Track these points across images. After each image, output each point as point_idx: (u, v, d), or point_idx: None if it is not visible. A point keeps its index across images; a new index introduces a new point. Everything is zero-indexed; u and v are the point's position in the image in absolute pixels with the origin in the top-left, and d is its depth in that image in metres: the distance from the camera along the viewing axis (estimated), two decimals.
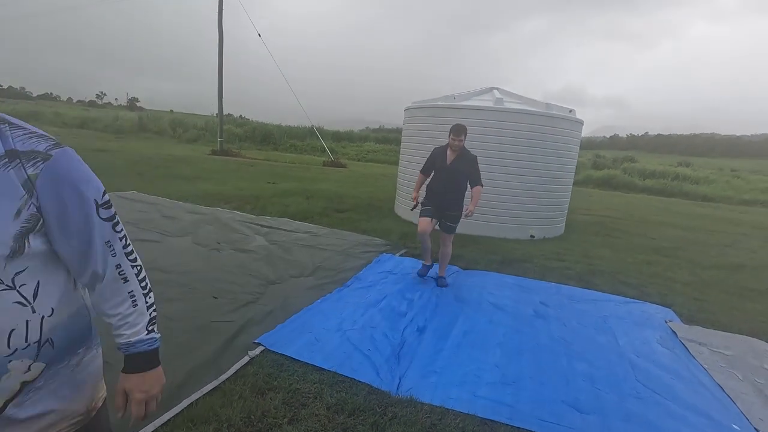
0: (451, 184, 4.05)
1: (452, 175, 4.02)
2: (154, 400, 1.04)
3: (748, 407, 2.57)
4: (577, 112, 6.97)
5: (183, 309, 3.16)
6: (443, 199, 4.07)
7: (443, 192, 4.06)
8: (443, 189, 4.06)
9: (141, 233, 4.95)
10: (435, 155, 4.16)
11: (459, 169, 4.00)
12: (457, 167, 4.00)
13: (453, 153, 4.01)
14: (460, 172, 4.00)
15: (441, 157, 4.08)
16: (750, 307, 4.46)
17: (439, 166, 4.08)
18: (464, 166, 4.00)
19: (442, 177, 4.07)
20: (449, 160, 4.02)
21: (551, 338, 3.28)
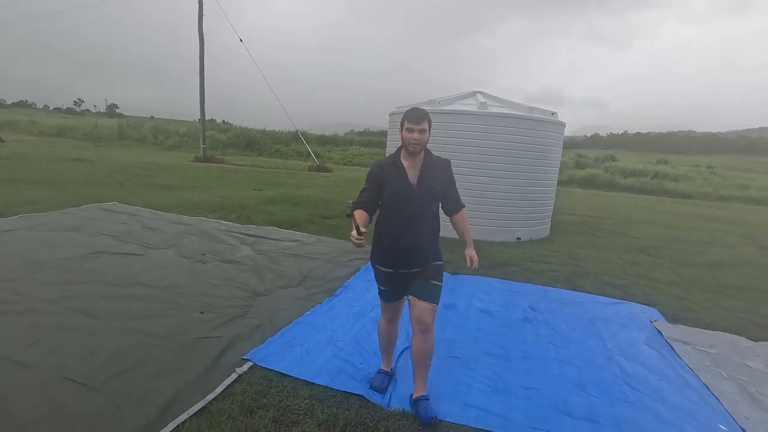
0: (421, 217, 2.29)
1: (421, 203, 2.28)
2: None
3: (734, 406, 2.61)
4: (558, 113, 7.07)
5: (167, 325, 3.08)
6: (410, 249, 2.28)
7: (408, 236, 2.27)
8: (408, 232, 2.27)
9: (122, 246, 4.84)
10: (379, 176, 2.30)
11: (430, 190, 2.28)
12: (426, 186, 2.27)
13: (413, 163, 2.29)
14: (431, 193, 2.30)
15: (393, 176, 2.28)
16: (731, 304, 4.56)
17: (394, 191, 2.27)
18: (437, 182, 2.30)
19: (402, 212, 2.27)
20: (412, 177, 2.27)
21: (540, 344, 3.29)
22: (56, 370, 2.43)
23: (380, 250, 2.36)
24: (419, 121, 2.21)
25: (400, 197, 2.26)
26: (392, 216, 2.29)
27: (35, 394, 2.22)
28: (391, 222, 2.30)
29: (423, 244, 2.31)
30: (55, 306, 3.23)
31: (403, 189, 2.26)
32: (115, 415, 2.12)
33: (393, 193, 2.26)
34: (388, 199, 2.28)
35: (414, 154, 2.26)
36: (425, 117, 2.23)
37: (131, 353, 2.68)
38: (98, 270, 4.05)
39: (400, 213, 2.27)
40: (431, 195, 2.30)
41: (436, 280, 2.35)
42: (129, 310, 3.28)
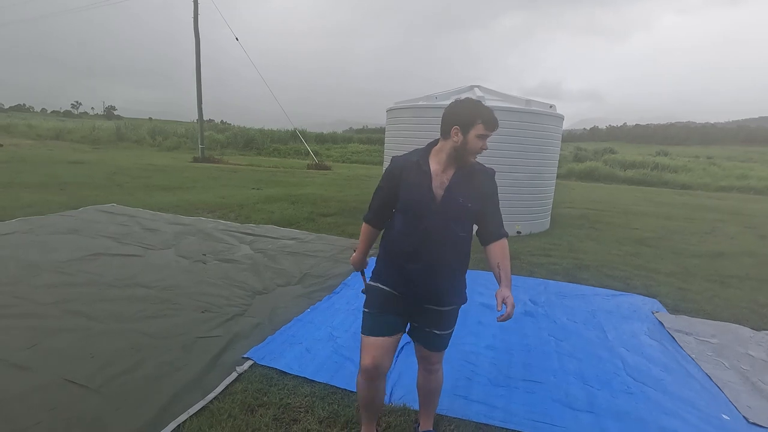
0: (441, 237, 1.75)
1: (444, 220, 1.74)
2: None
3: (736, 395, 2.60)
4: (556, 106, 7.04)
5: (167, 326, 3.08)
6: (426, 275, 1.76)
7: (425, 258, 1.75)
8: (425, 252, 1.75)
9: (122, 248, 4.82)
10: (396, 175, 1.80)
11: (461, 206, 1.74)
12: (455, 201, 1.73)
13: (446, 167, 1.75)
14: (462, 211, 1.75)
15: (413, 179, 1.76)
16: (731, 294, 4.55)
17: (411, 199, 1.76)
18: (471, 198, 1.75)
19: (416, 226, 1.75)
20: (438, 186, 1.74)
21: (541, 337, 3.28)
22: (55, 372, 2.43)
23: (387, 267, 1.84)
24: (496, 127, 1.70)
25: (417, 208, 1.72)
26: (405, 228, 1.76)
27: (34, 397, 2.21)
28: (404, 235, 1.76)
29: (444, 274, 1.76)
30: (53, 309, 3.22)
31: (422, 198, 1.70)
32: (115, 416, 2.12)
33: (408, 201, 1.74)
34: (399, 207, 1.80)
35: (465, 165, 1.73)
36: (497, 125, 1.72)
37: (130, 354, 2.67)
38: (97, 272, 4.04)
39: (412, 231, 1.74)
40: (461, 213, 1.73)
41: (447, 328, 1.88)
42: (128, 311, 3.27)
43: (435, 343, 1.91)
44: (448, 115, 1.71)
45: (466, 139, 1.67)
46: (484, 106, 1.70)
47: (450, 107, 1.73)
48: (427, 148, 1.79)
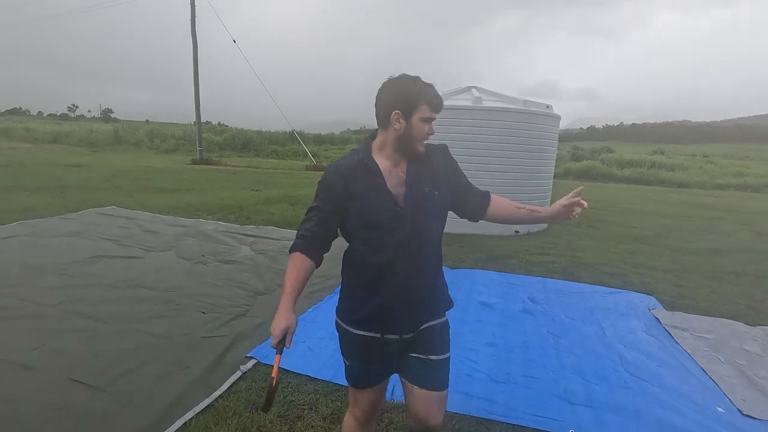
0: (417, 250, 1.42)
1: (418, 225, 1.41)
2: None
3: (731, 389, 2.65)
4: (553, 105, 7.10)
5: (171, 326, 3.11)
6: (402, 306, 1.43)
7: (398, 286, 1.41)
8: (398, 279, 1.40)
9: (122, 250, 4.85)
10: (337, 187, 1.40)
11: (431, 200, 1.43)
12: (423, 195, 1.42)
13: (395, 161, 1.44)
14: (434, 204, 1.45)
15: (363, 185, 1.39)
16: (728, 290, 4.60)
17: (368, 212, 1.39)
18: (438, 184, 1.46)
19: (383, 246, 1.39)
20: (395, 185, 1.41)
21: (540, 334, 3.33)
22: (61, 372, 2.46)
23: (353, 304, 1.47)
24: (441, 108, 1.42)
25: (378, 222, 1.36)
26: (371, 249, 1.39)
27: (42, 397, 2.25)
28: (367, 264, 1.41)
29: (427, 282, 1.46)
30: (57, 310, 3.25)
31: (383, 206, 1.36)
32: (122, 414, 2.15)
33: (366, 215, 1.36)
34: (357, 226, 1.39)
35: (415, 156, 1.42)
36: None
37: (135, 354, 2.70)
38: (99, 274, 4.07)
39: (381, 248, 1.37)
40: (431, 204, 1.42)
41: (443, 351, 1.51)
42: (131, 312, 3.30)
43: (433, 377, 1.47)
44: (385, 99, 1.38)
45: (410, 124, 1.37)
46: (424, 82, 1.38)
47: (386, 88, 1.38)
48: (366, 145, 1.45)
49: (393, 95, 1.38)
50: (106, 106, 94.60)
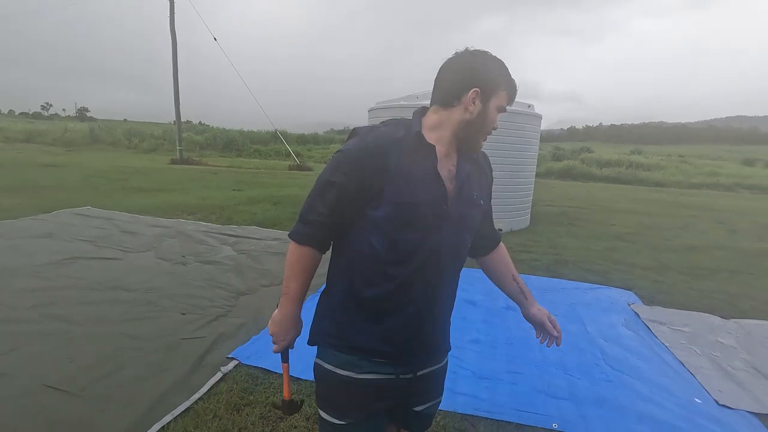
0: (452, 257, 1.13)
1: (459, 228, 1.13)
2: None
3: (708, 380, 2.72)
4: (535, 107, 7.19)
5: (150, 328, 3.03)
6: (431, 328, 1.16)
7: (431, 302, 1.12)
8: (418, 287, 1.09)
9: (99, 251, 4.71)
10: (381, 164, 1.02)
11: (476, 204, 1.17)
12: (472, 197, 1.15)
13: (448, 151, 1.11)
14: (478, 212, 1.19)
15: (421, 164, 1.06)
16: (704, 285, 4.74)
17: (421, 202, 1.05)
18: (483, 191, 1.22)
19: (422, 245, 1.06)
20: (449, 174, 1.10)
21: (523, 330, 3.35)
22: (34, 377, 2.36)
23: (362, 331, 1.12)
24: (513, 102, 1.17)
25: (419, 217, 1.05)
26: (388, 259, 1.06)
27: (12, 403, 2.15)
28: (383, 273, 1.07)
29: (444, 314, 1.21)
30: (30, 313, 3.13)
31: (430, 198, 1.06)
32: (98, 419, 2.08)
33: (404, 205, 1.03)
34: (386, 218, 1.03)
35: (472, 152, 1.16)
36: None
37: (113, 357, 2.62)
38: (75, 275, 3.94)
39: (409, 254, 1.06)
40: (476, 218, 1.19)
41: (441, 393, 1.32)
42: (109, 314, 3.20)
43: (426, 422, 1.32)
44: (461, 71, 1.08)
45: (485, 109, 1.08)
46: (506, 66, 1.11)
47: (463, 59, 1.09)
48: (415, 119, 1.12)
49: (473, 70, 1.08)
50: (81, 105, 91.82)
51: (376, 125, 1.11)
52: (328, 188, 1.06)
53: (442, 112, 1.11)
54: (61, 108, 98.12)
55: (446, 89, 1.10)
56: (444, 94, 1.10)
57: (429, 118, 1.12)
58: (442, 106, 1.11)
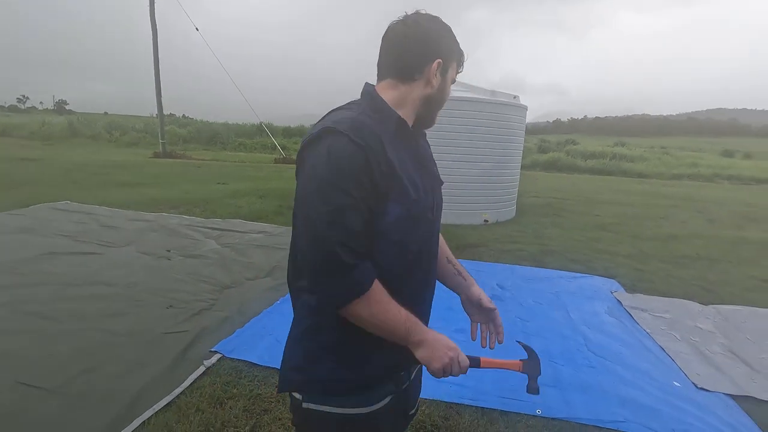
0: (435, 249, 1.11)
1: (438, 213, 1.07)
2: None
3: (687, 364, 2.78)
4: (520, 98, 7.21)
5: (131, 323, 2.97)
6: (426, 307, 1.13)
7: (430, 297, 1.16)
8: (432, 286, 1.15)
9: (78, 246, 4.59)
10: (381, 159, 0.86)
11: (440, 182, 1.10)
12: (437, 175, 1.10)
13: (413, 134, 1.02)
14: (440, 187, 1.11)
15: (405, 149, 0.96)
16: (683, 273, 4.84)
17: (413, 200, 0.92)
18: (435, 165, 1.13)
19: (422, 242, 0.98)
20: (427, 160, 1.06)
21: (508, 319, 3.38)
22: (8, 375, 2.29)
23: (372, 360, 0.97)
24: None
25: (421, 214, 0.96)
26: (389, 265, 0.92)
27: None
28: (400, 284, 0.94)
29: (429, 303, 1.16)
30: (5, 310, 3.04)
31: (427, 189, 0.99)
32: (77, 416, 2.03)
33: (413, 204, 0.92)
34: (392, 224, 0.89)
35: (426, 129, 1.07)
36: None
37: (92, 353, 2.56)
38: (52, 271, 3.83)
39: (421, 250, 0.99)
40: (440, 193, 1.11)
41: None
42: (88, 309, 3.13)
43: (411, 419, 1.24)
44: (424, 40, 0.96)
45: (444, 82, 1.00)
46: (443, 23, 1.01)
47: (427, 25, 0.97)
48: (379, 99, 0.96)
49: (437, 39, 0.97)
50: (60, 98, 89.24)
51: (344, 115, 0.89)
52: (347, 214, 0.82)
53: (402, 87, 0.97)
54: (38, 101, 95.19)
55: (407, 60, 0.96)
56: (404, 65, 0.97)
57: (388, 94, 0.97)
58: (402, 80, 0.97)
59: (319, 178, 0.83)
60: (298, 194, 0.89)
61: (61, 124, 26.95)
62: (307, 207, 0.84)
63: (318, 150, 0.85)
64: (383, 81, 1.00)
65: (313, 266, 0.86)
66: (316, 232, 0.83)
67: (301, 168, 0.90)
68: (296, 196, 0.89)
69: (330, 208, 0.82)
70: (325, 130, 0.86)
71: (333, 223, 0.81)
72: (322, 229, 0.82)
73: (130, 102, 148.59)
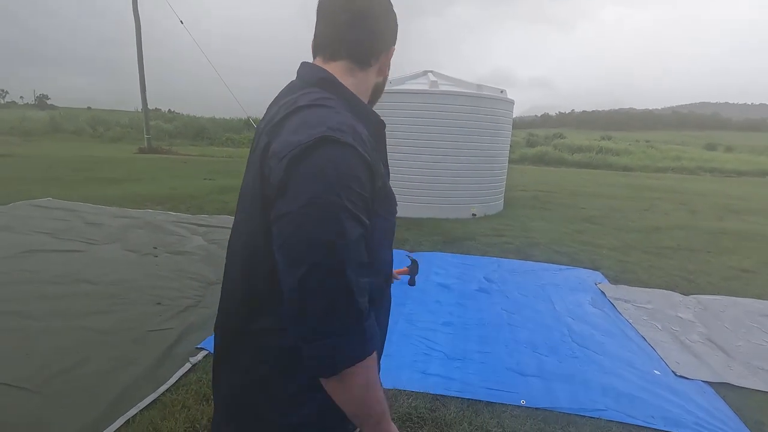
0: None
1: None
2: None
3: (667, 353, 2.85)
4: (508, 93, 7.24)
5: (115, 321, 2.93)
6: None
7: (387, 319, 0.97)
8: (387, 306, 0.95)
9: (61, 243, 4.51)
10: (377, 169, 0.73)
11: None
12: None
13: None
14: None
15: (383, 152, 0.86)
16: (665, 264, 4.94)
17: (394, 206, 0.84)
18: None
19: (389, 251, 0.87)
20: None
21: (495, 311, 3.42)
22: None
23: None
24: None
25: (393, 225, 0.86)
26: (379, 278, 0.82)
27: None
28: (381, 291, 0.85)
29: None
30: None
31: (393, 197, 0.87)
32: (59, 415, 2.01)
33: (392, 214, 0.84)
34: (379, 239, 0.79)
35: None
36: None
37: (75, 351, 2.52)
38: (33, 269, 3.76)
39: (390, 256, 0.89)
40: None
41: None
42: (71, 308, 3.08)
43: None
44: (387, 21, 0.86)
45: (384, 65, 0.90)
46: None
47: (386, 4, 0.86)
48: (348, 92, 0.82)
49: (395, 21, 0.87)
50: (41, 92, 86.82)
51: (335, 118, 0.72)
52: (358, 245, 0.69)
53: (359, 75, 0.84)
54: (18, 95, 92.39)
55: (369, 42, 0.84)
56: (366, 48, 0.83)
57: (347, 82, 0.82)
58: (359, 66, 0.84)
59: (328, 204, 0.65)
60: (291, 219, 0.66)
61: (42, 120, 26.35)
62: (310, 240, 0.65)
63: (319, 164, 0.67)
64: (336, 62, 0.83)
65: (316, 315, 0.66)
66: (324, 277, 0.66)
67: (293, 185, 0.67)
68: (286, 220, 0.67)
69: (343, 242, 0.66)
70: (324, 139, 0.67)
71: (350, 264, 0.66)
72: (335, 274, 0.66)
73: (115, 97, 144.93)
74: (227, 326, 0.86)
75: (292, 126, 0.72)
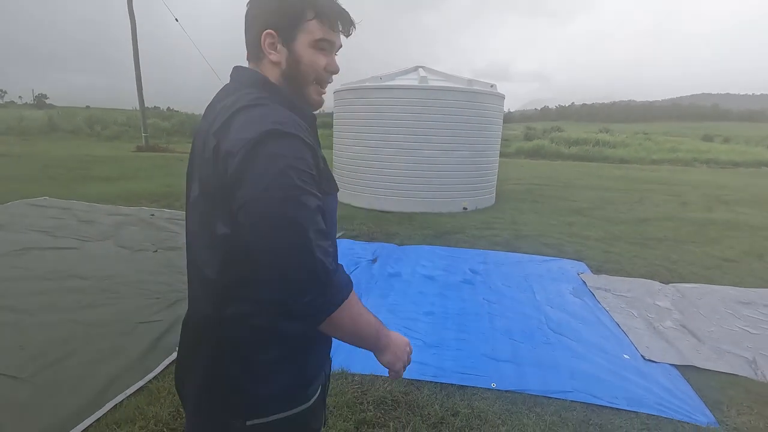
0: None
1: None
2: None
3: (639, 338, 2.95)
4: (506, 86, 7.32)
5: (106, 314, 3.04)
6: None
7: None
8: None
9: (54, 241, 4.61)
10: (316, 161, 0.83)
11: None
12: None
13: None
14: None
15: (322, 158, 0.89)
16: (650, 254, 5.03)
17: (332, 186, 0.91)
18: None
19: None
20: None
21: (476, 302, 3.52)
22: None
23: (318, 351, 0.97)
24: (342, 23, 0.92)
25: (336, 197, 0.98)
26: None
27: None
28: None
29: None
30: None
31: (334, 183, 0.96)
32: (48, 402, 2.11)
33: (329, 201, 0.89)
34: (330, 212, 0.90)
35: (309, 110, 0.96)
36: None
37: (65, 343, 2.62)
38: (27, 266, 3.86)
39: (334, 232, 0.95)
40: None
41: None
42: (63, 302, 3.18)
43: None
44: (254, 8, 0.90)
45: (294, 52, 0.89)
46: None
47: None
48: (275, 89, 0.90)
49: (264, 8, 0.89)
50: (39, 92, 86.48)
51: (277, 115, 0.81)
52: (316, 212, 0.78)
53: (259, 68, 0.93)
54: (17, 95, 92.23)
55: (248, 38, 0.92)
56: (248, 45, 0.92)
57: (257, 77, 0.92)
58: (254, 61, 0.93)
59: (284, 184, 0.75)
60: (255, 203, 0.75)
61: (40, 119, 26.37)
62: (276, 217, 0.74)
63: (271, 153, 0.76)
64: (253, 62, 0.93)
65: (292, 278, 0.75)
66: (294, 242, 0.75)
67: (251, 175, 0.75)
68: (250, 205, 0.75)
69: (304, 213, 0.76)
70: (272, 132, 0.77)
71: (311, 230, 0.76)
72: (301, 238, 0.75)
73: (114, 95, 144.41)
74: (200, 315, 0.93)
75: (238, 125, 0.79)
